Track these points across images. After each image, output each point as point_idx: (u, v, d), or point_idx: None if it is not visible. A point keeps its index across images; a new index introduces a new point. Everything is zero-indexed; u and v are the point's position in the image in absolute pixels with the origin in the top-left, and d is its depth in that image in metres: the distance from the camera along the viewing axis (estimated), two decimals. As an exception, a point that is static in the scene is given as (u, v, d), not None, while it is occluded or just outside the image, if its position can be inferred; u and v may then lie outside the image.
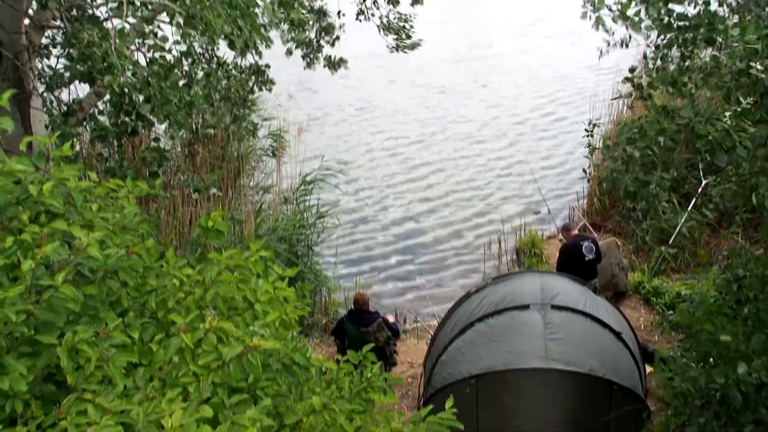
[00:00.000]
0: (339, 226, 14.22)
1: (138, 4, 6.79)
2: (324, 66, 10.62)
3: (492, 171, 17.09)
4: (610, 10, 5.31)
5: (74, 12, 6.83)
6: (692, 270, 11.96)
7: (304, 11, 9.21)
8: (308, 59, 10.58)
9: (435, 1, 11.92)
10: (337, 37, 10.62)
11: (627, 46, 7.85)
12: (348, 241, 14.15)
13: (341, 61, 10.48)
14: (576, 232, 10.60)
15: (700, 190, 8.56)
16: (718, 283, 6.92)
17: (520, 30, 28.47)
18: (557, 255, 10.56)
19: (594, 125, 8.45)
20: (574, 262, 9.86)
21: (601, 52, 8.26)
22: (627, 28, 7.57)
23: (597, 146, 7.84)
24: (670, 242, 11.39)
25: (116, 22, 5.85)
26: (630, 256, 12.42)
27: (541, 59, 24.92)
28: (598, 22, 5.34)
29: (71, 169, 3.32)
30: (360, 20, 11.21)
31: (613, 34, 7.95)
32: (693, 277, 11.61)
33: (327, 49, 10.67)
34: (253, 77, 9.26)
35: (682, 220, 11.21)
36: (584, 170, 10.48)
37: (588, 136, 8.21)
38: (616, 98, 15.13)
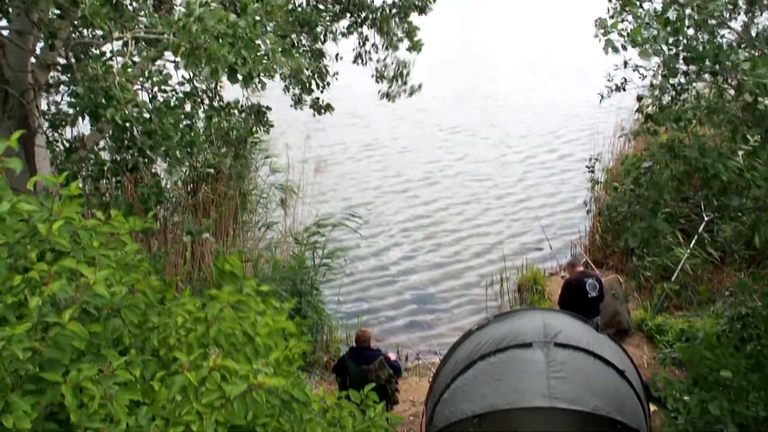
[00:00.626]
0: (346, 266, 14.18)
1: (143, 43, 6.88)
2: (310, 107, 10.65)
3: (498, 209, 17.14)
4: (621, 35, 5.39)
5: (79, 52, 6.92)
6: (695, 307, 11.90)
7: (299, 56, 9.26)
8: (295, 98, 10.62)
9: (438, 40, 11.98)
10: (328, 83, 10.63)
11: (624, 89, 8.01)
12: (352, 278, 14.11)
13: (328, 107, 10.49)
14: (581, 268, 10.58)
15: (701, 226, 8.58)
16: (721, 317, 6.93)
17: (525, 68, 28.71)
18: (559, 292, 10.53)
19: (595, 161, 8.54)
20: (577, 299, 9.83)
21: (601, 96, 8.45)
22: (625, 67, 7.71)
23: (599, 180, 7.92)
24: (673, 279, 11.36)
25: (120, 59, 5.91)
26: (632, 293, 12.37)
27: (546, 97, 25.10)
28: (608, 45, 5.41)
29: (72, 205, 3.33)
30: (358, 63, 11.29)
31: (612, 79, 8.15)
32: (696, 314, 11.55)
33: (328, 91, 10.67)
34: (252, 116, 9.29)
35: (684, 257, 11.21)
36: (585, 203, 10.53)
37: (590, 171, 8.30)
38: (621, 135, 15.29)
